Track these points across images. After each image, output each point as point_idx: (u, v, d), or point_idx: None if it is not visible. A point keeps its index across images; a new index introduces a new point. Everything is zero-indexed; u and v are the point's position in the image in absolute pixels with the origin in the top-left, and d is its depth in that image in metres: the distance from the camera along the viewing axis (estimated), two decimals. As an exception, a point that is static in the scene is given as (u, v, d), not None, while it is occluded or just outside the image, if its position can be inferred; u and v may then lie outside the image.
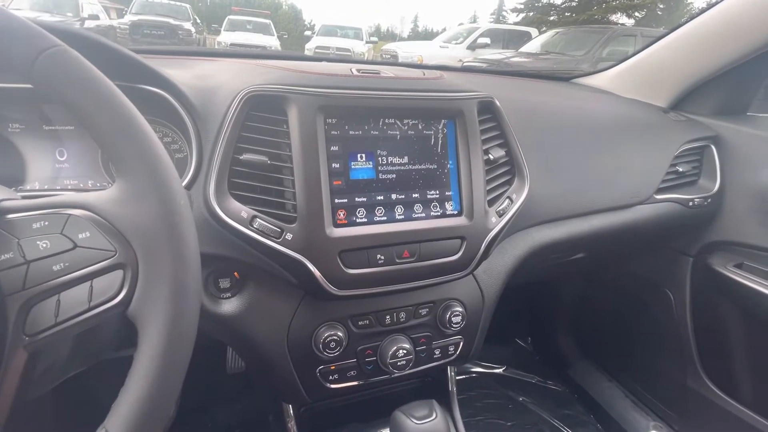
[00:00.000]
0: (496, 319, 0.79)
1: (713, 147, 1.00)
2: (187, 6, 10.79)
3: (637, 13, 15.05)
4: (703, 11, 0.97)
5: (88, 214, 0.34)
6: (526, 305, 1.51)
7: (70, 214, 0.34)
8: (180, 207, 0.36)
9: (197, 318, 0.36)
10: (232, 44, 9.44)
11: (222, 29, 10.74)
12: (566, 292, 1.43)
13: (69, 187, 0.58)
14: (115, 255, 0.34)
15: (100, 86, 0.35)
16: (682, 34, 1.00)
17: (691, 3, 15.12)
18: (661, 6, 14.82)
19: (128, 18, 9.40)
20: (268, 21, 11.78)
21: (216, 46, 9.81)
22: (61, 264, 0.33)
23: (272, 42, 10.27)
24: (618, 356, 1.32)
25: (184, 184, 0.56)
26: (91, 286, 0.33)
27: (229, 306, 0.62)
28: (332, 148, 0.56)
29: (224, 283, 0.61)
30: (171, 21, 9.41)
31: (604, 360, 1.36)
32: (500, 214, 0.66)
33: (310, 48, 10.17)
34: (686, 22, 1.00)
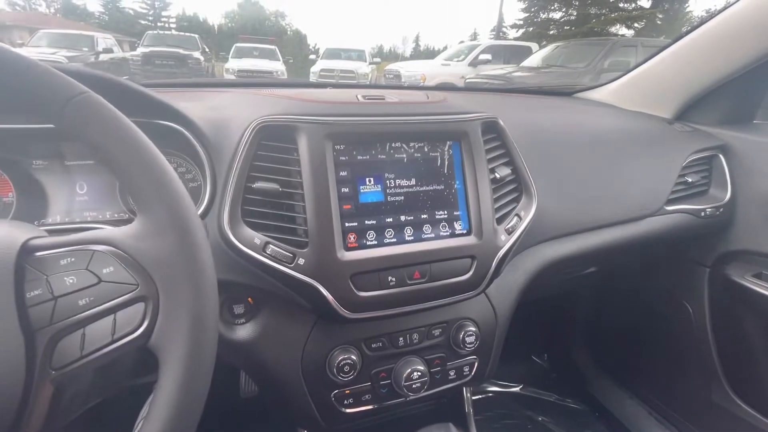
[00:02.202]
0: (511, 336, 0.78)
1: (721, 156, 1.00)
2: (196, 36, 11.22)
3: (636, 24, 15.18)
4: (704, 21, 0.97)
5: (111, 250, 0.36)
6: (541, 321, 1.48)
7: (95, 250, 0.36)
8: (198, 240, 0.37)
9: (215, 347, 0.37)
10: (239, 71, 9.70)
11: (230, 56, 11.07)
12: (581, 307, 1.41)
13: (89, 218, 0.60)
14: (137, 288, 0.35)
15: (121, 129, 0.37)
16: (684, 44, 1.01)
17: (691, 12, 15.22)
18: (660, 16, 14.94)
19: (140, 50, 9.80)
20: (273, 47, 12.13)
21: (224, 73, 10.11)
22: (87, 298, 0.34)
23: (278, 67, 10.49)
24: (638, 371, 1.28)
25: (199, 212, 0.57)
26: (115, 319, 0.35)
27: (244, 332, 0.62)
28: (341, 174, 0.58)
29: (238, 309, 0.62)
30: (180, 51, 9.76)
31: (624, 375, 1.32)
32: (509, 232, 0.66)
33: (315, 71, 10.31)
34: (687, 32, 1.00)
